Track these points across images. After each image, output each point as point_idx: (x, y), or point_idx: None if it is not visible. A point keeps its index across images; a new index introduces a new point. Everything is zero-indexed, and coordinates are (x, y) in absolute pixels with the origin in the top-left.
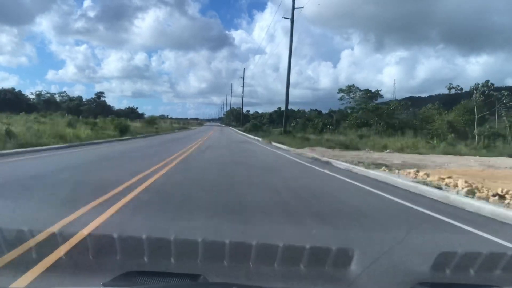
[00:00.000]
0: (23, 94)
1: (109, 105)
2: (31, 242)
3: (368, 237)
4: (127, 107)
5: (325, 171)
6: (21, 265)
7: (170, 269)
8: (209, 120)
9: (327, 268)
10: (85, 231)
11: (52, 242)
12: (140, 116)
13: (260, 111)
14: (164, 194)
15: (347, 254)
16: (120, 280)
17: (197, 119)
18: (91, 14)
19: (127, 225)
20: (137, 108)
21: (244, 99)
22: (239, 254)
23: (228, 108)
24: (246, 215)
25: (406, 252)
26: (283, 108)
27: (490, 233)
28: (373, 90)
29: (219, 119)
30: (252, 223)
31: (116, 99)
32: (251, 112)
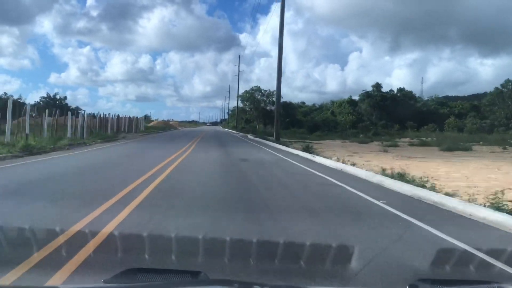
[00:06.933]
0: None
1: None
2: None
3: None
4: (45, 95)
5: None
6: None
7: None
8: (205, 123)
9: (327, 265)
10: None
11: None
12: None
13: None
14: None
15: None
16: (121, 277)
17: (195, 121)
18: (94, 14)
19: None
20: (65, 97)
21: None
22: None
23: (228, 110)
24: None
25: None
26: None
27: None
28: None
29: (221, 122)
30: None
31: (120, 103)
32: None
